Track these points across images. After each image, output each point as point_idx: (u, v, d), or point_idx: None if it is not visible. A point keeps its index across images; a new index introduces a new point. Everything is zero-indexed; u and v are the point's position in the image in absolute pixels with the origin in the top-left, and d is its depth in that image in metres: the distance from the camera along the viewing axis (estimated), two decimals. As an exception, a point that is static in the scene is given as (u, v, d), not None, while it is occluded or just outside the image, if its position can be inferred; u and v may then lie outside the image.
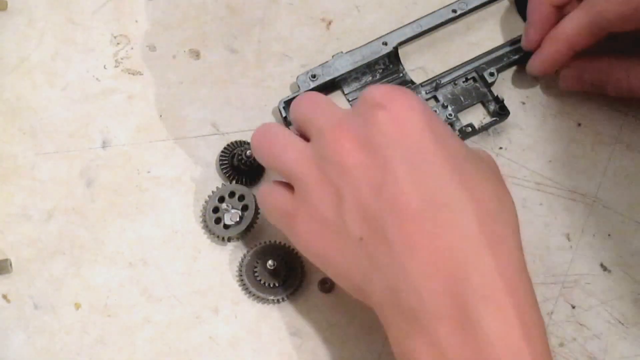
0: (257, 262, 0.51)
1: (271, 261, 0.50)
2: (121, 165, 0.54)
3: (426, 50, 0.58)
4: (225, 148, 0.54)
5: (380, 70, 0.57)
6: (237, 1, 0.59)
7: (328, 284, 0.51)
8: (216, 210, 0.52)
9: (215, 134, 0.56)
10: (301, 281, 0.51)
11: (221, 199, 0.52)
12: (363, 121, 0.42)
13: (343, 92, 0.57)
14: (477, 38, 0.59)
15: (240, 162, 0.53)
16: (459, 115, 0.55)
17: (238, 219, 0.51)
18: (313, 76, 0.55)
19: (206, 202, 0.53)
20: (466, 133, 0.55)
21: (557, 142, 0.56)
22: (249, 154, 0.52)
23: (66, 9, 0.59)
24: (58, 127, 0.55)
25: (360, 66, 0.56)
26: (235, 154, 0.53)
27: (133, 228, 0.53)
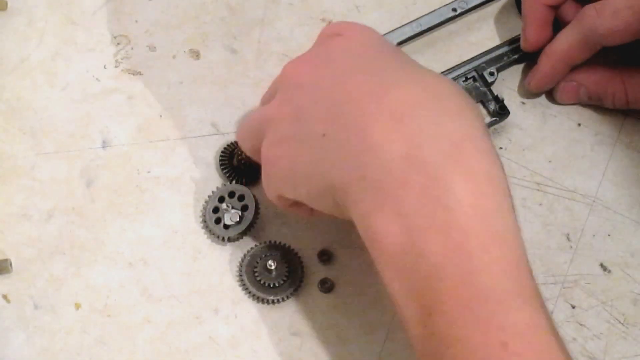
0: (257, 262, 0.51)
1: (271, 261, 0.50)
2: (121, 165, 0.54)
3: (426, 49, 0.58)
4: (225, 148, 0.54)
5: (380, 70, 0.56)
6: (237, 1, 0.59)
7: (328, 284, 0.51)
8: (216, 210, 0.52)
9: (215, 134, 0.56)
10: (301, 281, 0.51)
11: (221, 199, 0.52)
12: (319, 48, 0.46)
13: (343, 92, 0.56)
14: (477, 37, 0.59)
15: (240, 162, 0.53)
16: (459, 115, 0.55)
17: (238, 219, 0.51)
18: (313, 76, 0.55)
19: (206, 202, 0.53)
20: (466, 133, 0.55)
21: (557, 142, 0.56)
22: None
23: (66, 9, 0.59)
24: (58, 127, 0.55)
25: (360, 66, 0.55)
26: (235, 154, 0.53)
27: (133, 228, 0.53)
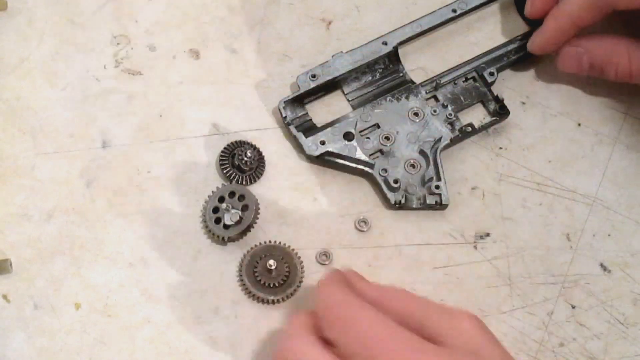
0: (257, 262, 0.51)
1: (271, 261, 0.50)
2: (121, 165, 0.54)
3: (426, 50, 0.58)
4: (225, 148, 0.54)
5: (380, 70, 0.57)
6: (237, 1, 0.59)
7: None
8: (216, 210, 0.52)
9: (215, 134, 0.56)
10: (301, 281, 0.51)
11: (221, 199, 0.52)
12: None
13: (343, 92, 0.57)
14: (477, 38, 0.59)
15: (240, 162, 0.53)
16: (459, 114, 0.55)
17: (238, 219, 0.51)
18: (313, 76, 0.55)
19: (206, 202, 0.53)
20: (466, 133, 0.55)
21: (557, 142, 0.56)
22: (249, 154, 0.52)
23: (66, 9, 0.59)
24: (58, 127, 0.55)
25: (360, 66, 0.56)
26: (235, 154, 0.53)
27: (133, 228, 0.53)
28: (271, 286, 0.50)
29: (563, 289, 0.52)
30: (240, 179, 0.53)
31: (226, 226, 0.51)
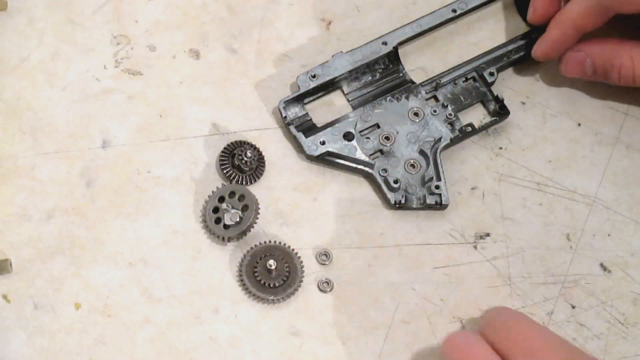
0: (257, 262, 0.51)
1: (271, 261, 0.50)
2: (121, 165, 0.54)
3: (426, 50, 0.58)
4: (225, 148, 0.54)
5: (380, 70, 0.57)
6: (237, 1, 0.59)
7: (328, 284, 0.51)
8: (216, 210, 0.52)
9: (215, 134, 0.56)
10: (301, 281, 0.51)
11: (221, 199, 0.52)
12: None
13: (343, 92, 0.57)
14: (477, 38, 0.59)
15: (240, 162, 0.53)
16: (459, 114, 0.55)
17: (238, 219, 0.51)
18: (313, 76, 0.55)
19: (206, 202, 0.53)
20: (466, 133, 0.55)
21: (557, 142, 0.56)
22: (249, 154, 0.52)
23: (66, 9, 0.59)
24: (58, 127, 0.55)
25: (360, 66, 0.56)
26: (235, 154, 0.53)
27: (133, 228, 0.53)
28: (271, 286, 0.50)
29: (563, 289, 0.52)
30: (240, 179, 0.53)
31: (226, 226, 0.51)
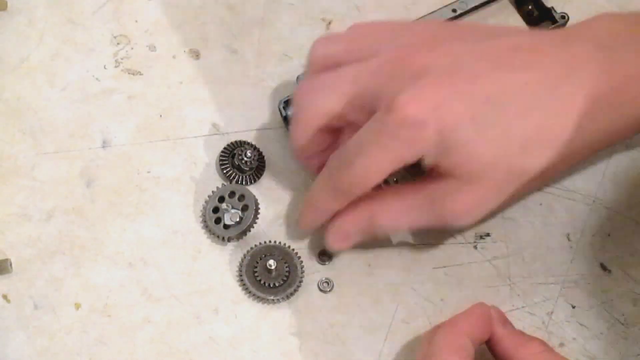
0: (257, 262, 0.51)
1: (271, 261, 0.50)
2: (121, 165, 0.54)
3: (426, 50, 0.58)
4: (225, 148, 0.54)
5: (380, 70, 0.56)
6: (237, 1, 0.59)
7: (328, 284, 0.51)
8: (216, 210, 0.52)
9: (215, 134, 0.56)
10: (301, 281, 0.51)
11: (221, 199, 0.52)
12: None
13: (343, 92, 0.56)
14: (477, 38, 0.58)
15: (240, 162, 0.53)
16: (459, 115, 0.55)
17: (238, 219, 0.51)
18: (313, 76, 0.55)
19: (206, 202, 0.53)
20: (466, 133, 0.54)
21: (557, 142, 0.55)
22: (249, 154, 0.52)
23: (66, 9, 0.59)
24: (58, 127, 0.55)
25: (360, 66, 0.55)
26: (235, 154, 0.53)
27: (133, 228, 0.53)
28: (271, 286, 0.50)
29: (563, 289, 0.52)
30: (240, 179, 0.53)
31: (226, 226, 0.51)
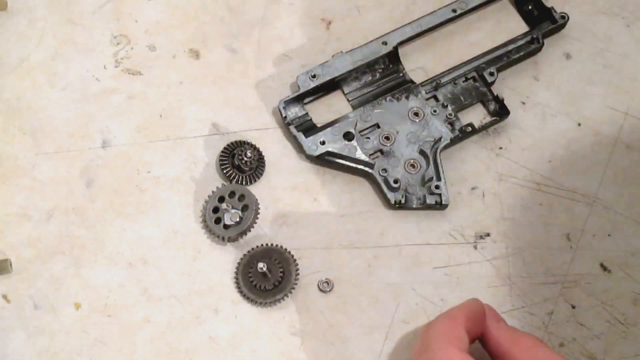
0: (253, 264, 0.51)
1: (262, 263, 0.49)
2: (121, 165, 0.54)
3: (426, 50, 0.58)
4: (225, 148, 0.54)
5: (380, 69, 0.57)
6: (237, 1, 0.59)
7: (328, 284, 0.51)
8: (216, 210, 0.52)
9: (215, 134, 0.56)
10: (292, 288, 0.50)
11: (221, 199, 0.52)
12: None
13: (343, 92, 0.57)
14: (477, 38, 0.59)
15: (240, 162, 0.53)
16: (459, 114, 0.55)
17: (238, 219, 0.51)
18: (313, 76, 0.55)
19: (206, 202, 0.53)
20: (466, 133, 0.55)
21: (557, 142, 0.56)
22: (249, 154, 0.52)
23: (66, 9, 0.59)
24: (58, 127, 0.55)
25: (360, 66, 0.56)
26: (235, 154, 0.53)
27: (133, 228, 0.53)
28: (262, 289, 0.50)
29: (563, 289, 0.52)
30: (240, 179, 0.53)
31: (226, 226, 0.51)
